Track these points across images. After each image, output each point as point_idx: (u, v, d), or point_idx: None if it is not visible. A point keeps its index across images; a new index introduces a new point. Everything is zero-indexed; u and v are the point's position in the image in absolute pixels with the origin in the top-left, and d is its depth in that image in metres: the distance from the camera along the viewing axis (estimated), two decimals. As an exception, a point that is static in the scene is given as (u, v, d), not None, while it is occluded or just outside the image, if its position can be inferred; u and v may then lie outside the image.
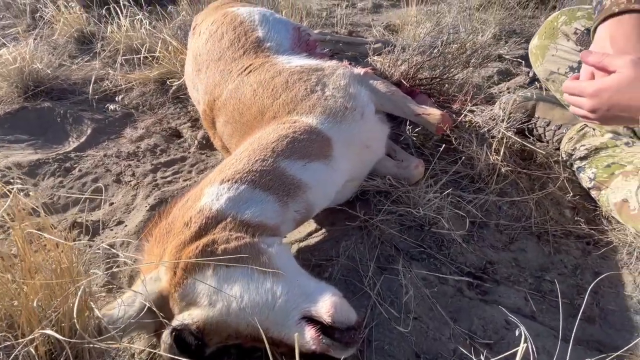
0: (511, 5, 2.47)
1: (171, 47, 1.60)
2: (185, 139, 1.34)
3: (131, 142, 1.32)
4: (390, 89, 0.99)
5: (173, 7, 2.30)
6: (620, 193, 0.79)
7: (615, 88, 0.66)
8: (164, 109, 1.52)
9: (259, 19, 1.11)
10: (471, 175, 0.96)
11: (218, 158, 1.22)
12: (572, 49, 0.94)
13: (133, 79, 1.61)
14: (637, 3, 0.72)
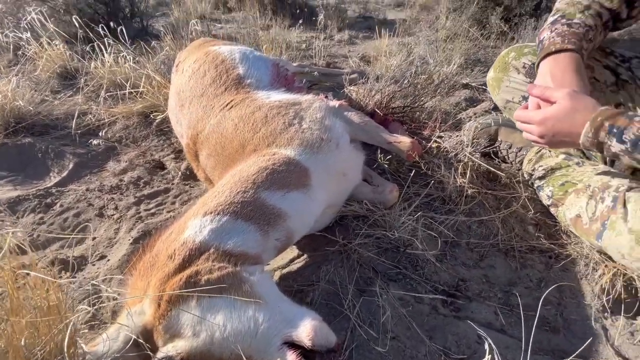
0: (475, 36, 2.68)
1: (155, 82, 1.66)
2: (169, 170, 1.36)
3: (114, 175, 1.34)
4: (363, 120, 1.07)
5: (157, 42, 2.38)
6: (574, 209, 0.87)
7: (557, 117, 0.75)
8: (148, 141, 1.55)
9: (240, 57, 1.19)
10: (442, 197, 1.03)
11: (202, 188, 1.24)
12: (523, 80, 1.05)
13: (116, 112, 1.64)
14: (570, 43, 0.83)
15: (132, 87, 1.68)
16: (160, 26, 3.57)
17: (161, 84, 1.64)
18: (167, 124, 1.57)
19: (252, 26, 3.40)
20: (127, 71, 1.83)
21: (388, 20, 3.97)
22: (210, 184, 1.03)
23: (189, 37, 2.19)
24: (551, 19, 0.94)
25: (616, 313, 0.77)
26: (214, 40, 1.49)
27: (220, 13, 4.24)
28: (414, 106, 1.44)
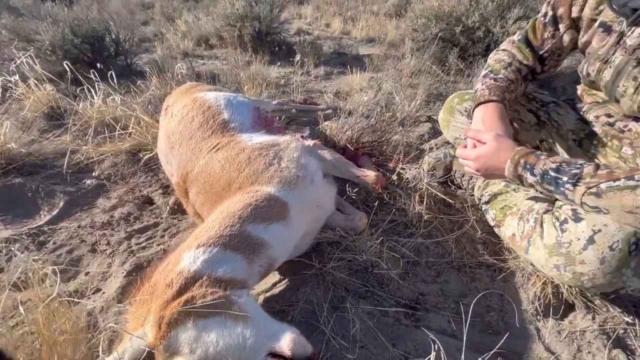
0: (436, 72, 2.99)
1: (143, 122, 1.78)
2: (158, 205, 1.46)
3: (104, 212, 1.42)
4: (334, 157, 1.23)
5: (142, 81, 2.52)
6: (510, 229, 1.04)
7: (487, 155, 0.93)
8: (136, 178, 1.64)
9: (224, 103, 1.34)
10: (404, 223, 1.19)
11: (189, 222, 1.35)
12: (465, 121, 1.25)
13: (105, 151, 1.74)
14: (495, 95, 1.04)
15: (120, 127, 1.79)
16: (144, 64, 3.73)
17: (149, 124, 1.76)
18: (155, 162, 1.68)
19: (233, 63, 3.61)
20: (114, 111, 1.94)
21: (360, 55, 4.28)
22: (199, 218, 1.14)
23: (175, 79, 2.33)
24: (483, 73, 1.15)
25: (546, 316, 0.92)
26: (199, 85, 1.64)
27: (202, 50, 4.45)
28: (381, 141, 1.63)
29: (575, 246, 0.78)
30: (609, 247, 0.73)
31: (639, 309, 0.92)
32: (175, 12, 6.45)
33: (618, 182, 0.70)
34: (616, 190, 0.70)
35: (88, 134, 1.85)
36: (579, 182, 0.76)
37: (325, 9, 8.32)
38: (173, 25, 5.62)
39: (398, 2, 6.98)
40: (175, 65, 2.48)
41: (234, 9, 3.83)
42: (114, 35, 3.33)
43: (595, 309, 0.92)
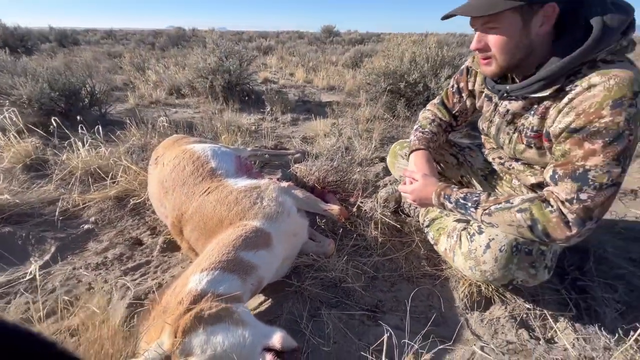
0: (388, 119, 3.47)
1: (130, 171, 1.96)
2: (148, 245, 1.61)
3: (97, 254, 1.55)
4: (305, 195, 1.51)
5: (121, 131, 2.70)
6: (443, 245, 1.34)
7: (419, 190, 1.26)
8: (123, 221, 1.79)
9: (211, 153, 1.60)
10: (364, 246, 1.47)
11: (179, 258, 1.52)
12: (405, 163, 1.60)
13: (92, 198, 1.88)
14: (422, 145, 1.39)
15: (105, 175, 1.95)
16: (118, 113, 3.90)
17: (136, 171, 1.94)
18: (142, 206, 1.85)
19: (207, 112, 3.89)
20: (98, 161, 2.10)
21: (323, 102, 4.77)
22: (193, 252, 1.33)
23: (157, 130, 2.55)
24: (415, 127, 1.53)
25: (472, 309, 1.21)
26: (185, 138, 1.88)
27: (174, 98, 4.71)
28: (343, 180, 1.95)
29: (479, 251, 1.09)
30: (499, 250, 1.05)
31: (535, 297, 1.24)
32: (144, 63, 6.72)
33: (500, 205, 1.04)
34: (500, 210, 1.04)
35: (71, 182, 1.98)
36: (478, 206, 1.09)
37: (289, 60, 9.10)
38: (143, 75, 5.88)
39: (354, 55, 7.86)
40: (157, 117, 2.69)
41: (206, 64, 4.18)
42: (89, 87, 3.50)
43: (506, 300, 1.23)
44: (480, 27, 0.98)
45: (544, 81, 0.97)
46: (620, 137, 0.85)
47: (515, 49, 0.96)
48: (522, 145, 1.16)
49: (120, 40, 17.14)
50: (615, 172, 0.87)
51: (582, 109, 0.89)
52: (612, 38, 0.89)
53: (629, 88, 0.85)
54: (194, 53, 4.97)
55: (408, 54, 3.36)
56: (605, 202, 0.90)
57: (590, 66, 0.92)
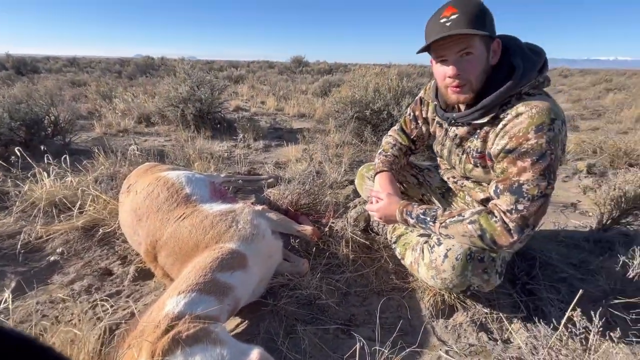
0: (357, 144, 3.65)
1: (98, 199, 1.93)
2: (118, 275, 1.58)
3: (62, 287, 1.49)
4: (279, 217, 1.58)
5: (88, 161, 2.64)
6: (409, 259, 1.45)
7: (384, 208, 1.37)
8: (91, 252, 1.74)
9: (185, 180, 1.63)
10: (337, 263, 1.54)
11: (152, 286, 1.50)
12: (372, 184, 1.73)
13: (57, 229, 1.82)
14: (385, 167, 1.53)
15: (72, 205, 1.90)
16: (83, 141, 3.80)
17: (106, 201, 1.92)
18: (111, 236, 1.81)
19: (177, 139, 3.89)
20: (64, 191, 2.04)
21: (294, 129, 4.93)
22: (167, 278, 1.34)
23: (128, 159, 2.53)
24: (379, 151, 1.67)
25: (438, 317, 1.31)
26: (158, 165, 1.91)
27: (143, 127, 4.66)
28: (315, 202, 2.04)
29: (439, 261, 1.21)
30: (455, 259, 1.17)
31: (491, 302, 1.36)
32: (112, 91, 6.62)
33: (454, 218, 1.17)
34: (454, 223, 1.17)
35: (34, 214, 1.91)
36: (436, 220, 1.21)
37: (260, 88, 9.33)
38: (110, 103, 5.78)
39: (323, 84, 8.24)
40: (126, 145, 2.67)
41: (178, 93, 4.23)
42: (53, 116, 3.41)
43: (467, 306, 1.34)
44: (456, 55, 1.09)
45: (482, 110, 1.15)
46: (544, 156, 1.03)
47: (483, 74, 1.12)
48: (470, 165, 1.32)
49: (84, 69, 16.72)
50: (542, 185, 1.04)
51: (513, 133, 1.06)
52: (531, 75, 1.09)
53: (547, 116, 1.03)
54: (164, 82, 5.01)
55: (372, 84, 3.63)
56: (537, 211, 1.05)
57: (517, 98, 1.11)
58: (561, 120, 1.05)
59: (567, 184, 2.87)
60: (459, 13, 1.04)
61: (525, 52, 1.13)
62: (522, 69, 1.09)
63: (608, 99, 8.35)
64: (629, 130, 4.82)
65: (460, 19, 1.04)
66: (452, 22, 1.04)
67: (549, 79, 1.17)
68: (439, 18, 1.08)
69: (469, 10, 1.04)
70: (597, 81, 13.62)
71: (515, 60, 1.11)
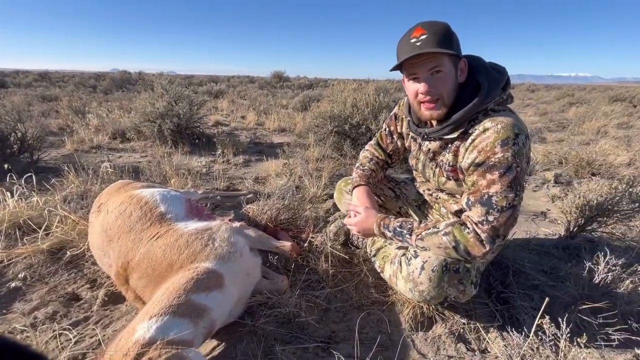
0: (336, 158, 3.69)
1: (67, 220, 1.83)
2: (86, 300, 1.50)
3: (24, 315, 1.39)
4: (258, 234, 1.56)
5: (57, 179, 2.53)
6: (388, 272, 1.46)
7: (361, 221, 1.39)
8: (57, 276, 1.64)
9: (160, 198, 1.59)
10: (316, 279, 1.53)
11: (123, 311, 1.43)
12: (350, 198, 1.74)
13: (20, 253, 1.71)
14: (363, 181, 1.55)
15: (38, 226, 1.81)
16: (52, 159, 3.64)
17: (75, 221, 1.83)
18: (80, 258, 1.72)
19: (153, 155, 3.80)
20: (29, 212, 1.94)
21: (275, 144, 4.93)
22: (139, 301, 1.28)
23: (100, 177, 2.44)
24: (356, 165, 1.70)
25: (417, 330, 1.31)
26: (132, 183, 1.85)
27: (118, 143, 4.52)
28: (295, 217, 2.03)
29: (416, 273, 1.22)
30: (432, 270, 1.19)
31: (468, 312, 1.38)
32: (85, 106, 6.43)
33: (429, 230, 1.20)
34: (429, 235, 1.19)
35: (-5, 237, 1.80)
36: (412, 233, 1.24)
37: (240, 103, 9.33)
38: (83, 119, 5.60)
39: (303, 99, 8.34)
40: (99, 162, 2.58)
41: (155, 108, 4.16)
42: (19, 133, 3.26)
43: (446, 318, 1.36)
44: (427, 73, 1.14)
45: (452, 126, 1.20)
46: (511, 169, 1.08)
47: (453, 91, 1.17)
48: (443, 178, 1.36)
49: (56, 83, 16.18)
50: (510, 196, 1.08)
51: (482, 147, 1.11)
52: (496, 92, 1.16)
53: (512, 131, 1.09)
54: (140, 97, 4.91)
55: (350, 99, 3.71)
56: (507, 221, 1.09)
57: (484, 114, 1.17)
58: (525, 135, 1.11)
59: (537, 194, 3.00)
60: (428, 34, 1.10)
61: (489, 70, 1.20)
62: (487, 86, 1.15)
63: (571, 112, 8.90)
64: (591, 141, 5.14)
65: (429, 39, 1.09)
66: (422, 42, 1.10)
67: (511, 96, 1.24)
68: (410, 38, 1.13)
69: (436, 31, 1.10)
70: (560, 96, 14.52)
71: (480, 78, 1.18)
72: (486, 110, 1.17)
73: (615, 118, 7.29)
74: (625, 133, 5.82)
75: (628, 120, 7.08)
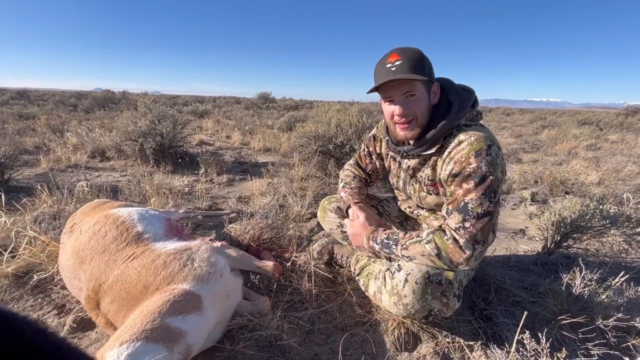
0: (321, 177, 3.70)
1: (36, 241, 1.74)
2: (53, 327, 1.40)
3: (-19, 345, 1.28)
4: (239, 253, 1.52)
5: (29, 198, 2.42)
6: (372, 289, 1.44)
7: (356, 226, 1.39)
8: (22, 302, 1.54)
9: (138, 217, 1.54)
10: (299, 300, 1.49)
11: (92, 338, 1.34)
12: (334, 216, 1.75)
13: (-18, 277, 1.59)
14: (355, 198, 1.56)
15: (4, 249, 1.70)
16: (25, 178, 3.49)
17: (45, 242, 1.74)
18: (49, 282, 1.62)
19: (133, 174, 3.70)
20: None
21: (259, 163, 4.92)
22: (111, 327, 1.20)
23: (75, 196, 2.35)
24: (341, 184, 1.71)
25: (403, 350, 1.29)
26: (109, 202, 1.78)
27: (97, 162, 4.39)
28: (279, 236, 2.00)
29: (399, 286, 1.22)
30: (415, 282, 1.19)
31: (453, 331, 1.37)
32: (64, 125, 6.27)
33: (413, 239, 1.21)
34: (413, 244, 1.20)
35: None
36: (398, 243, 1.25)
37: (225, 123, 9.34)
38: (61, 137, 5.45)
39: (288, 120, 8.43)
40: (75, 181, 2.49)
41: (137, 127, 4.10)
42: (-9, 151, 3.13)
43: (431, 335, 1.34)
44: (401, 97, 1.21)
45: (429, 142, 1.24)
46: (485, 178, 1.12)
47: (427, 113, 1.25)
48: (424, 193, 1.39)
49: (35, 101, 15.79)
50: (485, 204, 1.12)
51: (457, 159, 1.16)
52: (466, 109, 1.23)
53: (484, 142, 1.14)
54: (123, 116, 4.84)
55: (334, 120, 3.79)
56: (483, 227, 1.12)
57: (457, 129, 1.23)
58: (497, 146, 1.17)
59: (516, 211, 3.09)
60: (402, 60, 1.16)
61: (459, 90, 1.29)
62: (458, 104, 1.22)
63: (544, 134, 9.37)
64: (563, 162, 5.39)
65: (403, 65, 1.15)
66: (396, 68, 1.16)
67: (481, 113, 1.31)
68: (385, 63, 1.19)
69: (410, 58, 1.16)
70: (534, 119, 15.32)
71: (452, 97, 1.25)
72: (459, 126, 1.24)
73: (584, 140, 7.71)
74: (594, 154, 6.16)
75: (596, 142, 7.50)
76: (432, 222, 1.46)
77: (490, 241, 1.15)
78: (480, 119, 1.29)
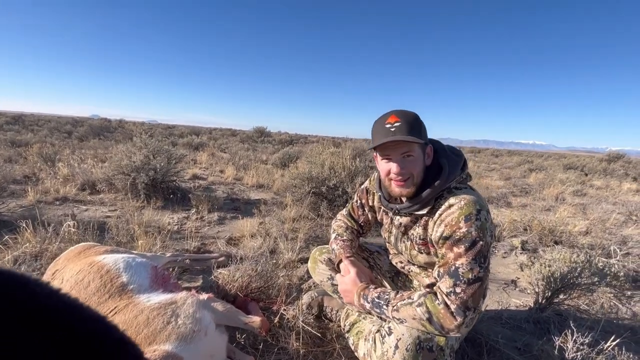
0: (313, 217, 3.70)
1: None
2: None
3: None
4: (226, 307, 1.47)
5: (11, 235, 2.35)
6: (362, 349, 1.39)
7: (347, 282, 1.37)
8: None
9: (124, 266, 1.50)
10: (286, 359, 1.42)
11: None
12: (325, 268, 1.73)
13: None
14: (347, 252, 1.55)
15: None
16: (9, 210, 3.41)
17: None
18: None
19: (123, 210, 3.64)
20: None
21: (252, 200, 4.89)
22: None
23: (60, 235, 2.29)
24: (333, 236, 1.70)
25: (393, 421, 1.22)
26: (95, 246, 1.74)
27: (86, 194, 4.32)
28: (267, 285, 1.95)
29: (390, 353, 1.18)
30: (406, 349, 1.15)
31: (445, 399, 1.31)
32: (56, 154, 6.25)
33: (404, 301, 1.20)
34: (404, 306, 1.18)
35: None
36: (389, 304, 1.23)
37: (220, 156, 9.42)
38: (52, 167, 5.41)
39: (282, 156, 8.56)
40: (62, 216, 2.44)
41: (131, 161, 4.11)
42: (-22, 183, 3.08)
43: (422, 406, 1.27)
44: (399, 156, 1.26)
45: (421, 203, 1.27)
46: (475, 243, 1.13)
47: (422, 172, 1.29)
48: (415, 251, 1.40)
49: (29, 127, 15.81)
50: (476, 269, 1.12)
51: (448, 222, 1.18)
52: (456, 172, 1.28)
53: (474, 207, 1.17)
54: (118, 149, 4.86)
55: (328, 162, 3.86)
56: (474, 293, 1.11)
57: (448, 191, 1.27)
58: (485, 210, 1.20)
59: (507, 260, 3.10)
60: (401, 122, 1.22)
61: (448, 153, 1.35)
62: (448, 168, 1.28)
63: (532, 177, 9.65)
64: (551, 207, 5.51)
65: (402, 127, 1.21)
66: (396, 129, 1.22)
67: (470, 175, 1.37)
68: (385, 123, 1.25)
69: (408, 121, 1.23)
70: (521, 161, 15.85)
71: (442, 161, 1.31)
72: (450, 189, 1.27)
73: (571, 185, 7.95)
74: (581, 201, 6.32)
75: (582, 188, 7.73)
76: (423, 280, 1.45)
77: (482, 307, 1.15)
78: (469, 181, 1.34)
